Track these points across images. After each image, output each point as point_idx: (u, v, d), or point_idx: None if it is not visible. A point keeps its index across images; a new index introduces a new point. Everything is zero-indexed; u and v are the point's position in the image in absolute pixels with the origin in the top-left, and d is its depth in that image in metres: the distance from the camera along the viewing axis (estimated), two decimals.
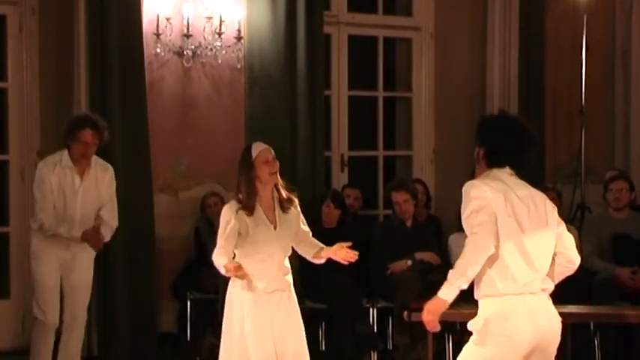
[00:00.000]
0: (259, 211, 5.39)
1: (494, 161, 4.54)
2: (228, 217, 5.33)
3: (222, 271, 5.27)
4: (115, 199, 6.60)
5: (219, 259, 5.28)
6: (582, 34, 9.06)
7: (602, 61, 9.73)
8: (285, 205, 5.47)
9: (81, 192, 6.42)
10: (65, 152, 6.42)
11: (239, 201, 5.38)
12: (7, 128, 7.67)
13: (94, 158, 6.50)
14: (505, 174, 4.51)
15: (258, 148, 5.45)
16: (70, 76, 7.54)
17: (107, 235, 6.50)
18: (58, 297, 6.47)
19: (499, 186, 4.41)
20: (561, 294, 7.49)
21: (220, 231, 5.37)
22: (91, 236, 6.35)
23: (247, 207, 5.33)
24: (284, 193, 5.49)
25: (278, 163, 5.45)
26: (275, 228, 5.41)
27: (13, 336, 7.61)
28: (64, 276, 6.46)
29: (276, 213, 5.44)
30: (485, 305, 4.45)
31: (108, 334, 7.45)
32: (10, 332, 7.62)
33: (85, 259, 6.51)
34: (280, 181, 5.49)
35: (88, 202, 6.45)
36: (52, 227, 6.33)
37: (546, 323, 4.46)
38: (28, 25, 7.58)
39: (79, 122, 6.45)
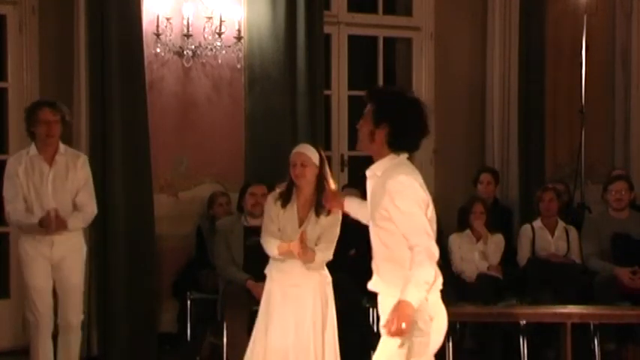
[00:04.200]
0: (293, 206, 5.70)
1: (399, 144, 4.18)
2: (268, 208, 5.77)
3: (275, 254, 5.70)
4: (90, 183, 6.45)
5: (269, 244, 5.73)
6: (582, 34, 9.06)
7: (602, 61, 9.74)
8: (319, 209, 5.64)
9: (51, 180, 6.29)
10: (32, 145, 6.35)
11: (280, 191, 5.74)
12: (7, 128, 7.67)
13: (64, 147, 6.41)
14: (406, 159, 4.21)
15: (293, 150, 5.78)
16: (70, 75, 7.53)
17: (77, 221, 6.32)
18: (49, 299, 6.33)
19: (419, 176, 4.16)
20: (562, 294, 7.57)
21: (265, 222, 5.81)
22: (46, 221, 6.13)
23: (280, 198, 5.71)
24: (326, 199, 5.58)
25: (306, 169, 5.68)
26: (299, 226, 5.62)
27: (13, 336, 7.60)
28: (56, 278, 6.33)
29: (310, 213, 5.67)
30: None
31: (108, 334, 7.44)
32: (10, 332, 7.61)
33: (75, 260, 6.39)
34: (330, 186, 5.69)
35: (61, 190, 6.31)
36: (20, 219, 6.22)
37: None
38: (28, 25, 7.57)
39: (35, 105, 6.41)
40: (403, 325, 3.97)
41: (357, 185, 8.53)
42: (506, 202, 8.89)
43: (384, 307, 4.20)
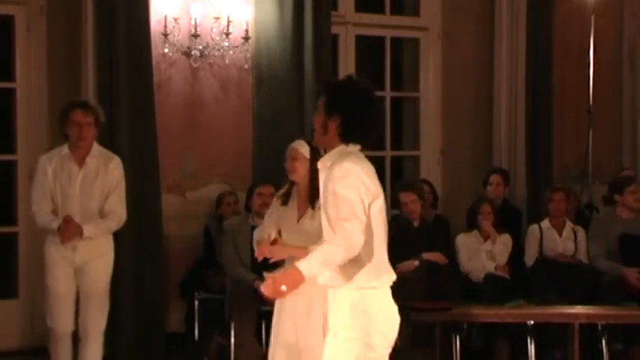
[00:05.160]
0: (294, 203, 5.67)
1: (351, 135, 4.12)
2: (271, 208, 5.76)
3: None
4: (122, 188, 6.27)
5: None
6: (590, 34, 9.06)
7: (609, 62, 9.73)
8: (314, 202, 5.63)
9: (79, 181, 6.11)
10: (66, 145, 6.20)
11: (283, 191, 5.74)
12: (16, 128, 7.69)
13: (97, 148, 6.25)
14: (357, 150, 4.15)
15: (290, 146, 5.76)
16: (78, 76, 7.55)
17: (95, 229, 6.10)
18: (68, 304, 6.17)
19: (368, 168, 4.10)
20: (569, 294, 7.57)
21: (265, 217, 5.82)
22: (64, 228, 5.97)
23: (281, 196, 5.69)
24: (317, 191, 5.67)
25: (297, 162, 5.65)
26: (298, 220, 5.60)
27: (21, 336, 7.62)
28: (79, 283, 6.18)
29: (308, 208, 5.66)
30: (366, 298, 4.08)
31: (115, 334, 7.43)
32: (19, 332, 7.63)
33: (99, 265, 6.23)
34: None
35: (89, 193, 6.13)
36: (44, 223, 6.08)
37: None
38: (36, 25, 7.60)
39: (67, 106, 6.21)
40: (283, 288, 3.91)
41: None
42: (513, 203, 8.89)
43: (337, 301, 4.13)
